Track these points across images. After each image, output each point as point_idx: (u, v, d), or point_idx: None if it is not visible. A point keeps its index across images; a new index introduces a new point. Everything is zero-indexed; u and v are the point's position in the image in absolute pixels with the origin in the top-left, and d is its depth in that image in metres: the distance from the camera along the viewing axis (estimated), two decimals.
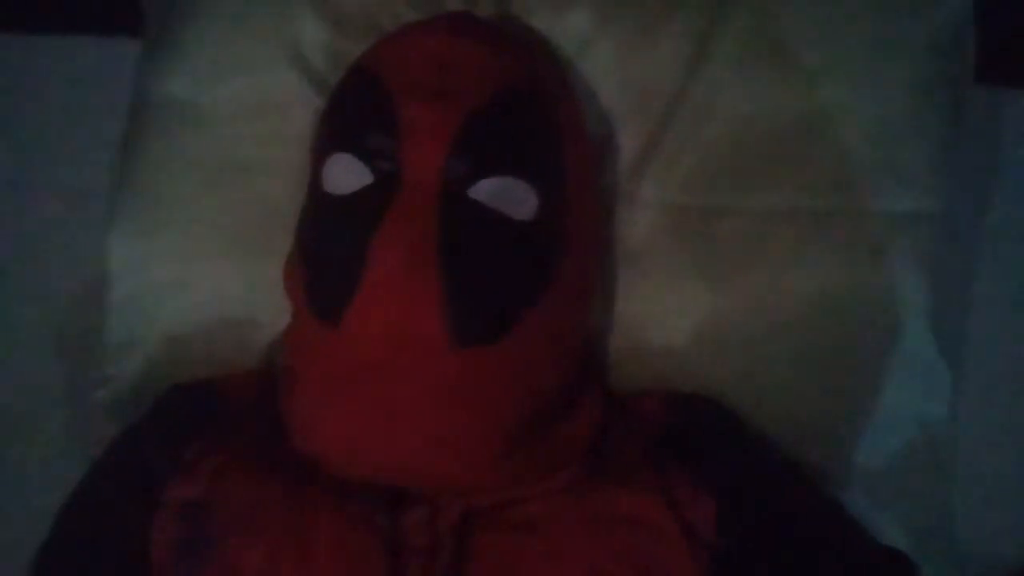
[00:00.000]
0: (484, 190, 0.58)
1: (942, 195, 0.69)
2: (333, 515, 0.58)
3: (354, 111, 0.61)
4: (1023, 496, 0.77)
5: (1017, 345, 0.77)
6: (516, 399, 0.60)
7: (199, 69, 0.74)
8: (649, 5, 0.71)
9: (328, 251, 0.60)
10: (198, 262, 0.73)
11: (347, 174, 0.59)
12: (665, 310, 0.71)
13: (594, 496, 0.59)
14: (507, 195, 0.59)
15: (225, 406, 0.67)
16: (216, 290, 0.73)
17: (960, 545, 0.73)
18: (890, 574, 0.59)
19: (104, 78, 0.82)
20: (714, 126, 0.70)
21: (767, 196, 0.70)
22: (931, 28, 0.69)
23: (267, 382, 0.69)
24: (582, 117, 0.68)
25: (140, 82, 0.76)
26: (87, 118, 0.84)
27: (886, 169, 0.69)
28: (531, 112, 0.62)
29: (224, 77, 0.73)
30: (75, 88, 0.85)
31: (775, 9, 0.70)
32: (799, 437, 0.69)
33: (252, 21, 0.73)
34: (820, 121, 0.69)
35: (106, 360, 0.75)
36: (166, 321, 0.74)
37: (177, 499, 0.60)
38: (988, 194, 0.79)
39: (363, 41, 0.68)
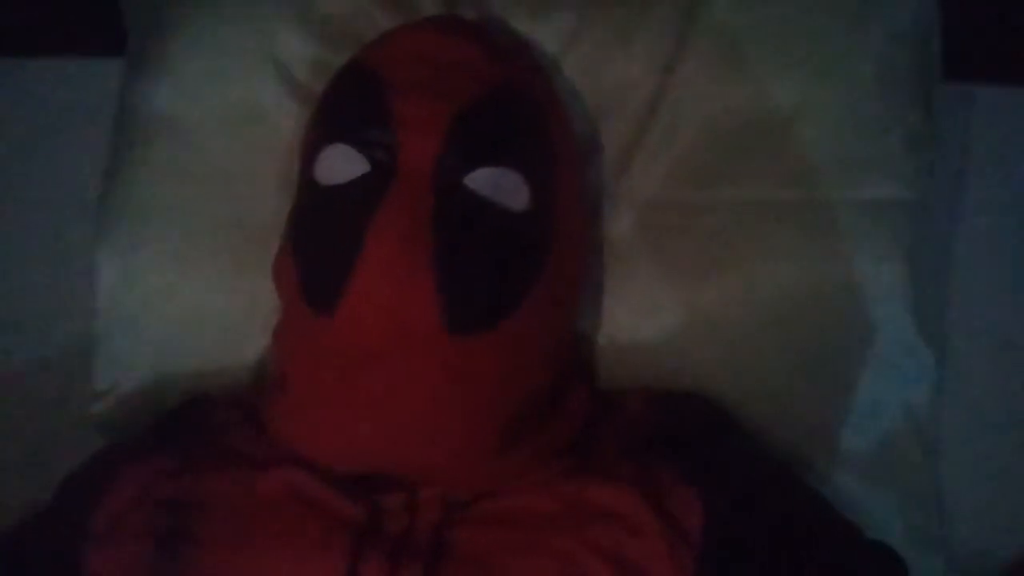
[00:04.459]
0: (478, 179, 0.59)
1: (917, 182, 0.71)
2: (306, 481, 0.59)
3: (349, 105, 0.62)
4: (1010, 484, 0.77)
5: (997, 331, 0.78)
6: (508, 389, 0.60)
7: (182, 82, 0.74)
8: (626, 6, 0.72)
9: (323, 240, 0.60)
10: (186, 274, 0.74)
11: (342, 164, 0.60)
12: (649, 305, 0.72)
13: (573, 490, 0.59)
14: (501, 185, 0.60)
15: (213, 418, 0.67)
16: (205, 301, 0.74)
17: (950, 533, 0.73)
18: (878, 571, 0.60)
19: (90, 99, 0.82)
20: (692, 122, 0.72)
21: (746, 189, 0.71)
22: (897, 21, 0.71)
23: (255, 391, 0.70)
24: (566, 116, 0.69)
25: (124, 97, 0.76)
26: (73, 139, 0.84)
27: (861, 159, 0.70)
28: (521, 109, 0.63)
29: (207, 89, 0.74)
30: (61, 110, 0.86)
31: (746, 6, 0.71)
32: (786, 426, 0.70)
33: (233, 33, 0.74)
34: (791, 115, 0.70)
35: (97, 375, 0.75)
36: (156, 334, 0.74)
37: (157, 498, 0.60)
38: (961, 184, 0.80)
39: (345, 50, 0.69)
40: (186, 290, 0.74)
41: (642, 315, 0.72)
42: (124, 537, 0.59)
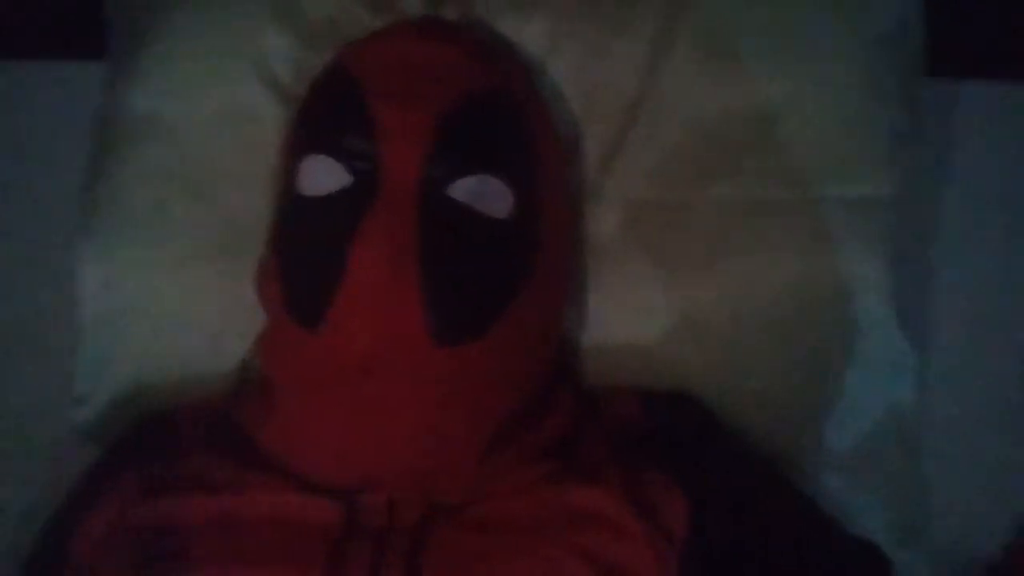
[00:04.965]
0: (462, 189, 0.59)
1: (901, 180, 0.71)
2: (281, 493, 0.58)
3: (330, 113, 0.62)
4: (993, 481, 0.77)
5: (980, 329, 0.79)
6: (498, 396, 0.60)
7: (165, 83, 0.74)
8: (610, 7, 0.72)
9: (307, 254, 0.60)
10: (169, 277, 0.73)
11: (324, 175, 0.60)
12: (634, 305, 0.72)
13: (557, 493, 0.59)
14: (484, 194, 0.60)
15: (185, 432, 0.66)
16: (187, 304, 0.73)
17: (934, 531, 0.74)
18: (864, 569, 0.60)
19: (73, 102, 0.82)
20: (675, 122, 0.72)
21: (728, 189, 0.71)
22: (881, 20, 0.71)
23: (231, 399, 0.69)
24: (550, 117, 0.69)
25: (106, 98, 0.76)
26: (56, 141, 0.84)
27: (846, 156, 0.71)
28: (503, 113, 0.63)
29: (190, 91, 0.74)
30: (44, 112, 0.85)
31: (729, 7, 0.72)
32: (771, 424, 0.70)
33: (216, 34, 0.74)
34: (776, 113, 0.71)
35: (78, 379, 0.75)
36: (138, 338, 0.74)
37: (133, 525, 0.59)
38: (945, 181, 0.80)
39: (328, 51, 0.69)
40: (169, 293, 0.73)
41: (628, 314, 0.72)
42: (103, 565, 0.58)
